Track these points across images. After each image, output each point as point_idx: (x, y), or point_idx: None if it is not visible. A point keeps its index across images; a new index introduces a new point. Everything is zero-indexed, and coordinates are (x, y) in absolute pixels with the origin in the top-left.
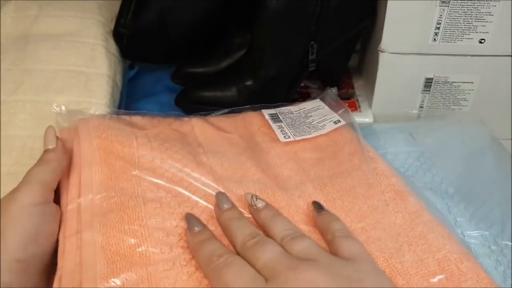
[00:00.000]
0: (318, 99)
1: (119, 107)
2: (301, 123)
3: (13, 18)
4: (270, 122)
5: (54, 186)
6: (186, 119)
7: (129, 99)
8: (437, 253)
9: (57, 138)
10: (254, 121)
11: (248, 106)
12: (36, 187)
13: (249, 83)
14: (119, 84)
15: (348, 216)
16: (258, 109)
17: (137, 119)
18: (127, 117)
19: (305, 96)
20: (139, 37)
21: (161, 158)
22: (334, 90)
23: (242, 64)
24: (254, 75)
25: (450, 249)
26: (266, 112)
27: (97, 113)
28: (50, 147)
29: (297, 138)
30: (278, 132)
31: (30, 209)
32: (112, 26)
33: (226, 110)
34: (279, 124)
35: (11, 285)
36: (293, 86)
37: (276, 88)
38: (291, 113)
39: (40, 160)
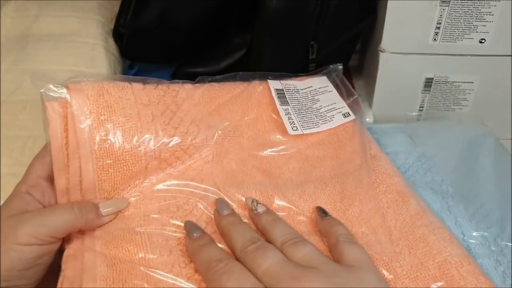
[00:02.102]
0: (325, 77)
1: None
2: (308, 108)
3: (13, 18)
4: (277, 103)
5: (63, 236)
6: (189, 87)
7: None
8: (438, 256)
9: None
10: (261, 98)
11: (253, 73)
12: (40, 233)
13: None
14: None
15: (349, 219)
16: (264, 78)
17: (138, 89)
18: (127, 86)
19: None
20: (139, 37)
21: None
22: (340, 67)
23: (242, 64)
24: None
25: (451, 252)
26: (272, 86)
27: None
28: (103, 211)
29: (305, 132)
30: (286, 122)
31: (23, 248)
32: (111, 26)
33: (231, 74)
34: (286, 108)
35: (21, 275)
36: None
37: None
38: (297, 91)
39: (78, 204)
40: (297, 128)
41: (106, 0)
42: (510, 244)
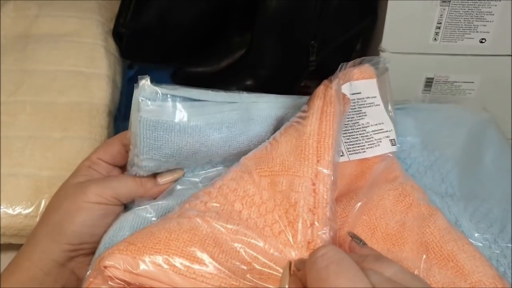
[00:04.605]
0: (374, 81)
1: (119, 107)
2: (354, 124)
3: (13, 19)
4: None
5: (127, 202)
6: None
7: (128, 99)
8: (470, 277)
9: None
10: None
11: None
12: (107, 194)
13: (249, 82)
14: (119, 84)
15: (374, 235)
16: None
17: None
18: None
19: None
20: (139, 37)
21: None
22: (387, 66)
23: (242, 63)
24: (254, 74)
25: (484, 273)
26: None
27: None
28: (160, 181)
29: (351, 158)
30: None
31: (93, 206)
32: (111, 26)
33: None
34: None
35: (60, 260)
36: (293, 86)
37: (276, 88)
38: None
39: (140, 182)
40: (343, 153)
41: (106, 0)
42: (510, 245)
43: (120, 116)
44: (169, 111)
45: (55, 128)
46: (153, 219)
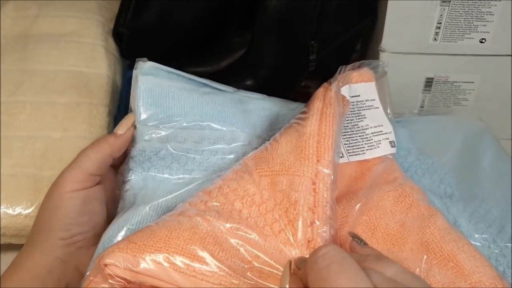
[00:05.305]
0: (373, 84)
1: (119, 108)
2: (354, 126)
3: (13, 19)
4: None
5: (100, 172)
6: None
7: (128, 99)
8: (470, 277)
9: (131, 127)
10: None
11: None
12: (79, 175)
13: (249, 83)
14: (119, 84)
15: (374, 235)
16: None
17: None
18: None
19: (305, 96)
20: (139, 37)
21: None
22: (386, 69)
23: (242, 63)
24: (254, 74)
25: (484, 273)
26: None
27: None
28: (119, 132)
29: (351, 159)
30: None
31: (71, 195)
32: (111, 26)
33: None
34: None
35: (60, 256)
36: (293, 86)
37: (276, 88)
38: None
39: (97, 140)
40: (343, 155)
41: (106, 0)
42: (510, 245)
43: (120, 116)
44: (165, 80)
45: (55, 128)
46: (152, 218)
